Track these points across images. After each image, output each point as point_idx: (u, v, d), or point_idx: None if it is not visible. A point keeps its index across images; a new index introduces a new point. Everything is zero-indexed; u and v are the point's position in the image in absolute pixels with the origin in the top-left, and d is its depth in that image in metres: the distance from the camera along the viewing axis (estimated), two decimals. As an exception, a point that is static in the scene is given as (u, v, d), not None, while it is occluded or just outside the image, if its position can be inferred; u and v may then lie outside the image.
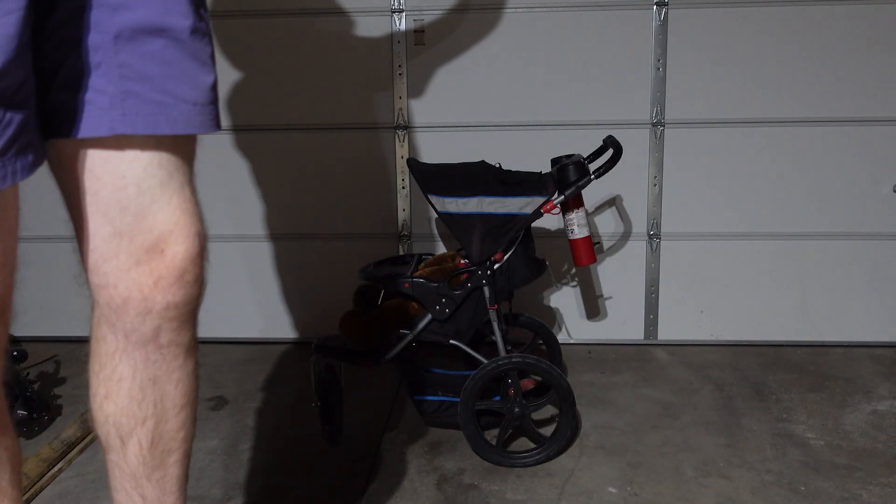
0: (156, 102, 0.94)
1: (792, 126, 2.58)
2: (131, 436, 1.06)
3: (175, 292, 1.00)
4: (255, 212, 2.74)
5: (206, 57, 0.98)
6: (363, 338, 1.95)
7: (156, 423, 1.06)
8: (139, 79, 0.92)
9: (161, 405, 1.06)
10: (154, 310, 0.99)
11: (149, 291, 0.98)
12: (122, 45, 0.91)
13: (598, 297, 2.74)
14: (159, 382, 1.04)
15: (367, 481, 1.87)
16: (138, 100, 0.93)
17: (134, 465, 1.08)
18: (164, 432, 1.07)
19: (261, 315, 2.80)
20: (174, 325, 1.02)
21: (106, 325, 1.02)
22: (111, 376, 1.04)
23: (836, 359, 2.57)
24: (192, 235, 1.01)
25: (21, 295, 2.84)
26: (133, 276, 0.98)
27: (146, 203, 0.97)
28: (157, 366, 1.03)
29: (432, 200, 1.93)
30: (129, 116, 0.92)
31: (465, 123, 2.64)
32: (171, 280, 0.99)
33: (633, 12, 2.53)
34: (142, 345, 1.02)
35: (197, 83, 0.97)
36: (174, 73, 0.95)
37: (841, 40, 2.51)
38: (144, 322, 1.00)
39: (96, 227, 0.98)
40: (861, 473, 1.86)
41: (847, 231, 2.63)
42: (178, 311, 1.02)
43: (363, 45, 2.62)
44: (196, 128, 0.98)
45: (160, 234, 0.98)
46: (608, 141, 2.03)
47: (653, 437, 2.06)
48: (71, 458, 1.98)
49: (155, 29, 0.92)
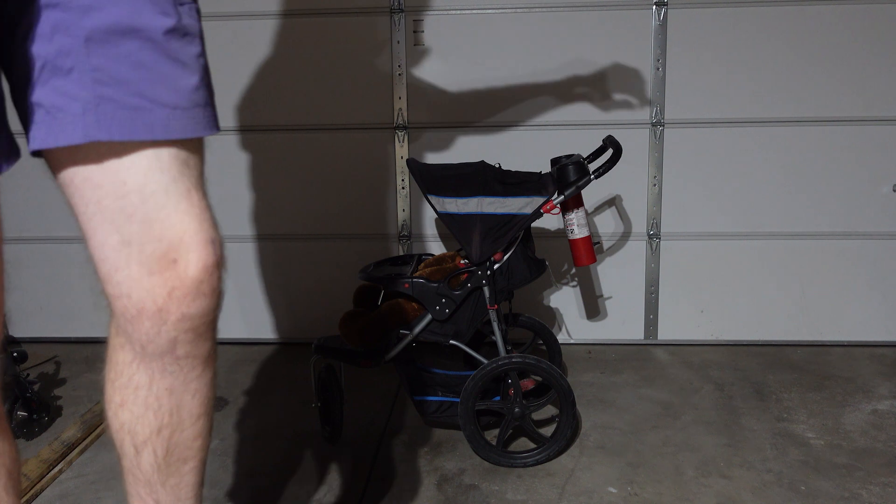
0: (132, 107, 0.90)
1: (792, 126, 2.58)
2: (146, 444, 1.04)
3: (190, 304, 0.96)
4: (255, 212, 2.74)
5: (186, 57, 0.94)
6: (363, 338, 1.95)
7: (171, 432, 1.04)
8: (113, 83, 0.89)
9: (178, 415, 1.04)
10: (169, 321, 0.96)
11: (163, 302, 0.95)
12: (94, 48, 0.87)
13: (598, 297, 2.74)
14: (176, 393, 1.02)
15: (367, 481, 1.87)
16: (113, 105, 0.89)
17: (148, 473, 1.06)
18: (180, 441, 1.06)
19: (260, 315, 2.81)
20: (191, 336, 0.99)
21: (123, 336, 1.00)
22: (127, 385, 1.02)
23: (836, 358, 2.57)
24: (204, 243, 0.96)
25: (21, 296, 2.85)
26: (146, 285, 0.95)
27: (152, 210, 0.93)
28: (174, 377, 1.01)
29: (432, 200, 1.93)
30: (103, 122, 0.89)
31: (465, 123, 2.64)
32: (185, 291, 0.95)
33: (633, 12, 2.53)
34: (158, 356, 0.99)
35: (176, 86, 0.93)
36: (150, 76, 0.91)
37: (841, 40, 2.51)
38: (160, 333, 0.97)
39: (105, 237, 0.95)
40: (861, 473, 1.86)
41: (847, 231, 2.63)
42: (193, 323, 0.98)
43: (363, 45, 2.62)
44: (177, 133, 0.93)
45: (170, 243, 0.94)
46: (608, 141, 2.03)
47: (653, 437, 2.06)
48: (71, 459, 1.98)
49: (127, 30, 0.88)
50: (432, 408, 1.99)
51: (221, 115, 2.96)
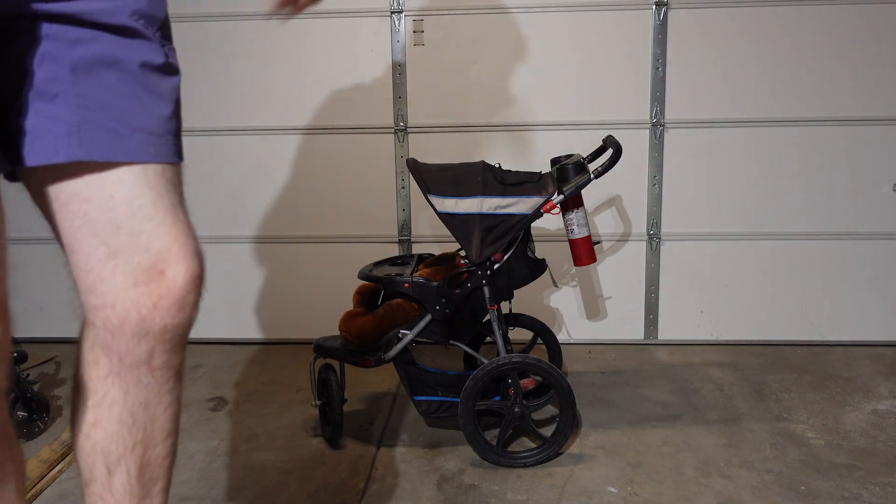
0: (112, 131, 0.95)
1: (792, 126, 2.58)
2: (119, 463, 1.04)
3: (174, 314, 1.00)
4: (255, 213, 2.74)
5: (162, 89, 1.00)
6: (363, 338, 1.95)
7: (144, 449, 1.05)
8: (97, 108, 0.94)
9: (150, 430, 1.05)
10: (152, 331, 0.99)
11: (147, 312, 0.98)
12: (80, 77, 0.93)
13: (598, 297, 2.74)
14: (150, 407, 1.04)
15: (367, 481, 1.87)
16: (96, 127, 0.94)
17: (120, 496, 1.06)
18: (152, 459, 1.07)
19: (261, 315, 2.81)
20: (168, 346, 1.02)
21: (100, 348, 1.02)
22: (101, 402, 1.03)
23: (836, 358, 2.57)
24: (191, 255, 1.00)
25: (21, 296, 2.85)
26: (131, 296, 0.98)
27: (139, 222, 0.97)
28: (148, 389, 1.03)
29: (432, 201, 1.92)
30: (85, 143, 0.94)
31: (465, 123, 2.64)
32: (171, 301, 0.99)
33: (633, 12, 2.54)
34: (135, 367, 1.01)
35: (151, 114, 0.98)
36: (129, 104, 0.96)
37: (841, 40, 2.51)
38: (140, 344, 1.00)
39: (91, 249, 0.97)
40: (861, 473, 1.86)
41: (847, 231, 2.63)
42: (174, 334, 1.01)
43: (363, 46, 2.62)
44: (152, 156, 0.98)
45: (158, 254, 0.98)
46: (608, 141, 2.03)
47: (653, 436, 2.06)
48: (71, 460, 1.98)
49: (110, 61, 0.95)
50: (432, 407, 1.99)
51: (221, 115, 2.97)
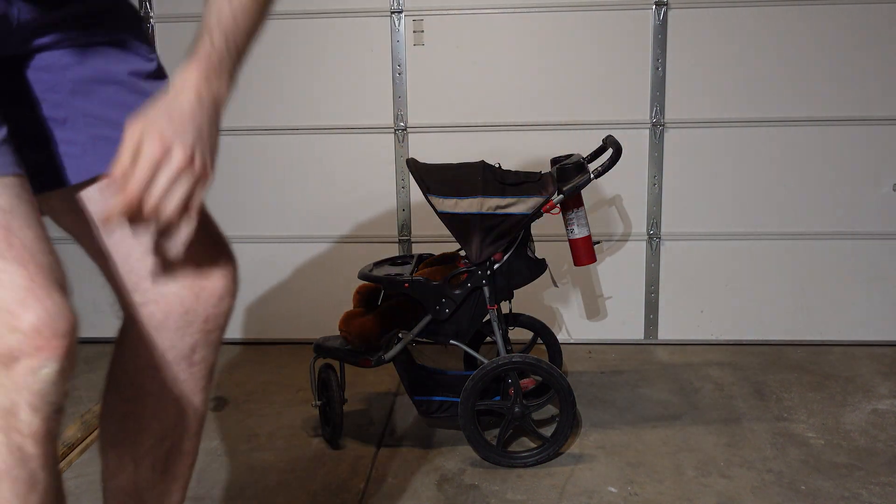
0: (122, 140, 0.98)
1: (792, 126, 2.58)
2: (146, 456, 1.05)
3: (216, 303, 1.02)
4: (254, 213, 2.74)
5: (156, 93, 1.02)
6: (363, 338, 1.95)
7: (172, 444, 1.06)
8: (103, 123, 0.97)
9: (181, 426, 1.06)
10: (195, 323, 1.01)
11: (190, 304, 1.00)
12: (80, 97, 0.97)
13: (598, 297, 2.74)
14: (182, 400, 1.05)
15: (367, 481, 1.87)
16: (107, 141, 0.97)
17: (143, 489, 1.06)
18: (177, 456, 1.07)
19: (261, 315, 2.81)
20: (210, 338, 1.03)
21: (142, 344, 1.02)
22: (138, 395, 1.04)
23: (836, 358, 2.57)
24: (228, 246, 1.05)
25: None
26: (173, 289, 0.99)
27: None
28: (185, 384, 1.04)
29: (432, 200, 1.92)
30: (101, 157, 0.96)
31: (464, 123, 2.64)
32: (211, 292, 1.01)
33: (633, 12, 2.54)
34: (175, 362, 1.02)
35: None
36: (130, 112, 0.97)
37: (841, 40, 2.51)
38: (183, 338, 1.01)
39: (128, 250, 0.99)
40: (861, 472, 1.86)
41: (847, 231, 2.63)
42: (215, 324, 1.03)
43: (363, 46, 2.62)
44: None
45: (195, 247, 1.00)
46: (608, 141, 2.03)
47: (653, 436, 2.06)
48: (71, 460, 1.98)
49: (102, 77, 0.98)
50: (432, 407, 1.99)
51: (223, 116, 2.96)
